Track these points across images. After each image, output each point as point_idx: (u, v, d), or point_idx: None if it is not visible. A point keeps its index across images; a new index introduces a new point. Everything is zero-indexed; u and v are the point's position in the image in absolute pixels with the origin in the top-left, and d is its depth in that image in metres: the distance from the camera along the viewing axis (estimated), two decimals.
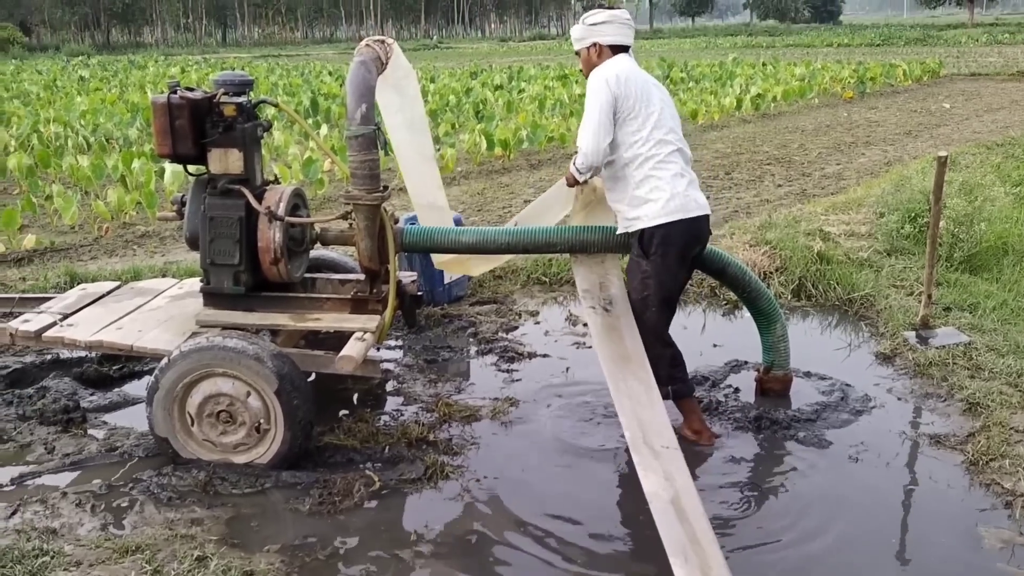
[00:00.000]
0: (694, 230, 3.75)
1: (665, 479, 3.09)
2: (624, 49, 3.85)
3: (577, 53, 3.92)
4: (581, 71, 3.96)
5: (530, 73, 25.89)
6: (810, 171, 10.77)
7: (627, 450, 3.89)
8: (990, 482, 3.55)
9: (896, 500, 3.53)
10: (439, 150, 11.46)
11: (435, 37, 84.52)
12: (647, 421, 3.38)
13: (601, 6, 3.88)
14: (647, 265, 3.74)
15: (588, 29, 3.83)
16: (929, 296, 5.04)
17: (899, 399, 4.37)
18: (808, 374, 4.62)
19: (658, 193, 3.66)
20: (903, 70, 22.96)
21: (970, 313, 5.23)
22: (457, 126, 14.32)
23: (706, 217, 3.80)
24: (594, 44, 3.83)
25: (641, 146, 3.68)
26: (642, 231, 3.72)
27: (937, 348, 4.74)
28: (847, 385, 4.48)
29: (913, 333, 4.96)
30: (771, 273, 5.91)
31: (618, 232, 3.91)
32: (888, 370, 4.71)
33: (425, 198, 4.39)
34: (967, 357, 4.62)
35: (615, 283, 4.01)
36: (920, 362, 4.64)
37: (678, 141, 3.77)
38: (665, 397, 3.69)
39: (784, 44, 48.80)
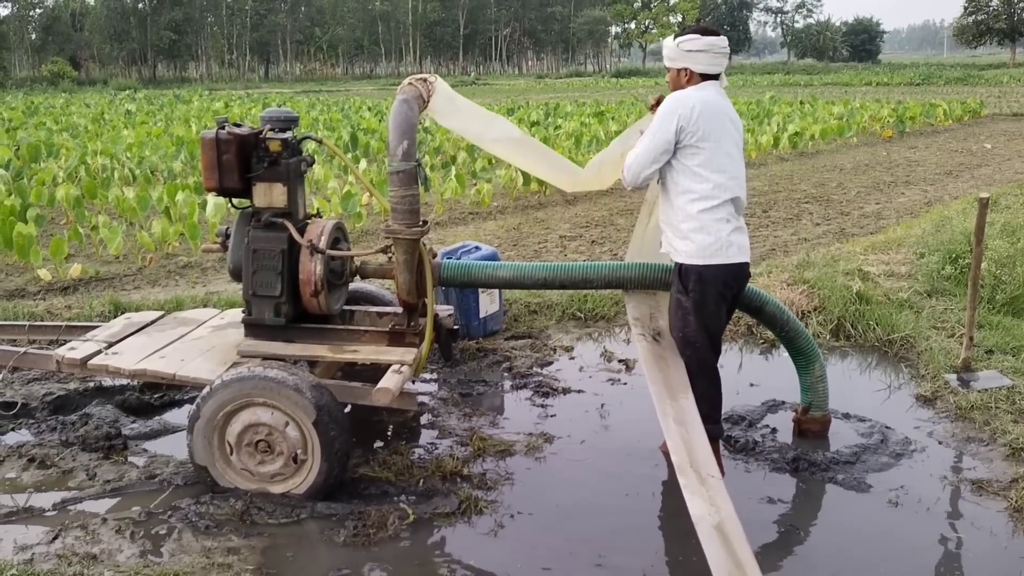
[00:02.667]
0: (732, 274, 3.73)
1: (711, 504, 3.09)
2: (714, 77, 3.77)
3: (667, 68, 3.84)
4: (668, 84, 3.90)
5: (566, 110, 26.08)
6: (849, 210, 10.69)
7: (663, 484, 3.89)
8: None
9: (937, 547, 3.45)
10: (475, 184, 11.57)
11: (473, 74, 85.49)
12: (694, 446, 3.39)
13: (699, 30, 3.76)
14: (687, 302, 3.74)
15: (682, 54, 3.71)
16: (971, 338, 4.97)
17: (940, 443, 4.29)
18: (847, 415, 4.56)
19: (700, 236, 3.64)
20: (943, 110, 22.78)
21: (1013, 356, 5.13)
22: (493, 161, 14.44)
23: (746, 263, 3.76)
24: (685, 69, 3.74)
25: (699, 183, 3.63)
26: (680, 266, 3.74)
27: (979, 391, 4.66)
28: (887, 427, 4.41)
29: (954, 376, 4.89)
30: (809, 312, 5.86)
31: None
32: (929, 413, 4.63)
33: (568, 178, 4.30)
34: (1010, 401, 4.54)
35: (665, 315, 4.02)
36: (962, 405, 4.57)
37: (737, 188, 3.69)
38: None
39: (822, 82, 48.73)
